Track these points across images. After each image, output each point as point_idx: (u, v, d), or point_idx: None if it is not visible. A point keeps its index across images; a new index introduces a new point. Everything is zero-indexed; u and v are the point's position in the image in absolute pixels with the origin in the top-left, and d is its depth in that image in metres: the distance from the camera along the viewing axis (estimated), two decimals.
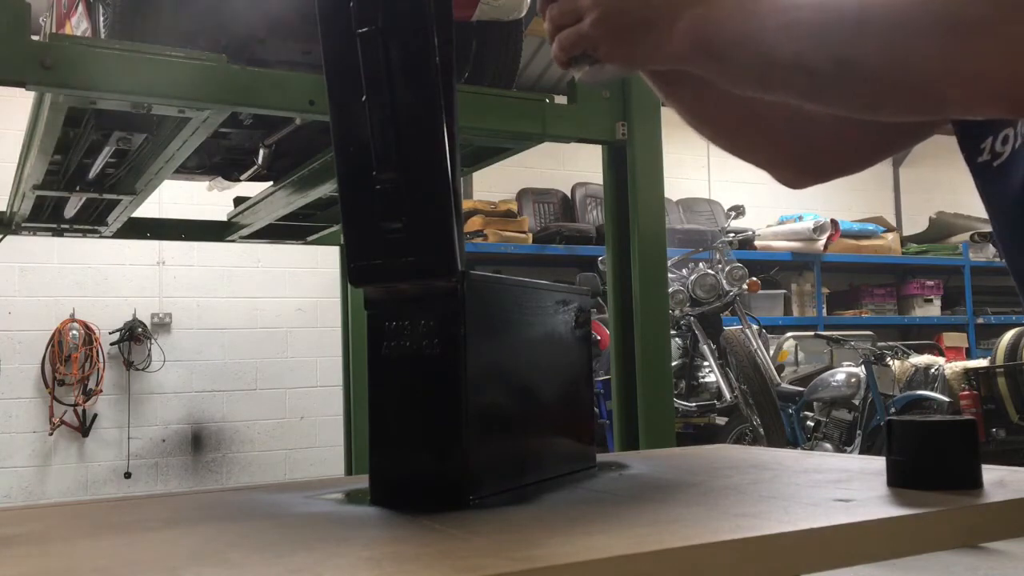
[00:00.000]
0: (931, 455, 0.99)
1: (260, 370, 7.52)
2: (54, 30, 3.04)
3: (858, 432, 5.74)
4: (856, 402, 5.82)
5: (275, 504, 1.06)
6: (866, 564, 0.83)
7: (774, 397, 5.92)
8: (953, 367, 5.81)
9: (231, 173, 3.58)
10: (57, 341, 6.85)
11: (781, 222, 9.11)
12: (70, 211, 3.93)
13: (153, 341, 7.15)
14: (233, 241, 4.68)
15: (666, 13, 0.94)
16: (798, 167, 1.26)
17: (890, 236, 9.50)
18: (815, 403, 6.14)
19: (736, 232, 7.67)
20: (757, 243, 8.71)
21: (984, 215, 1.11)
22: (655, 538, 0.77)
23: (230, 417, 7.41)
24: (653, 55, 0.97)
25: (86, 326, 6.95)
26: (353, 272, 1.00)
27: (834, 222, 8.81)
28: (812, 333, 7.66)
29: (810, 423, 6.14)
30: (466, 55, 2.94)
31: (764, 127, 1.20)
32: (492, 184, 8.15)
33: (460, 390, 0.94)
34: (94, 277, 7.05)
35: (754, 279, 6.65)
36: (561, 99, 2.70)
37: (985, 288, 9.73)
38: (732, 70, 0.93)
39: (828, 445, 5.91)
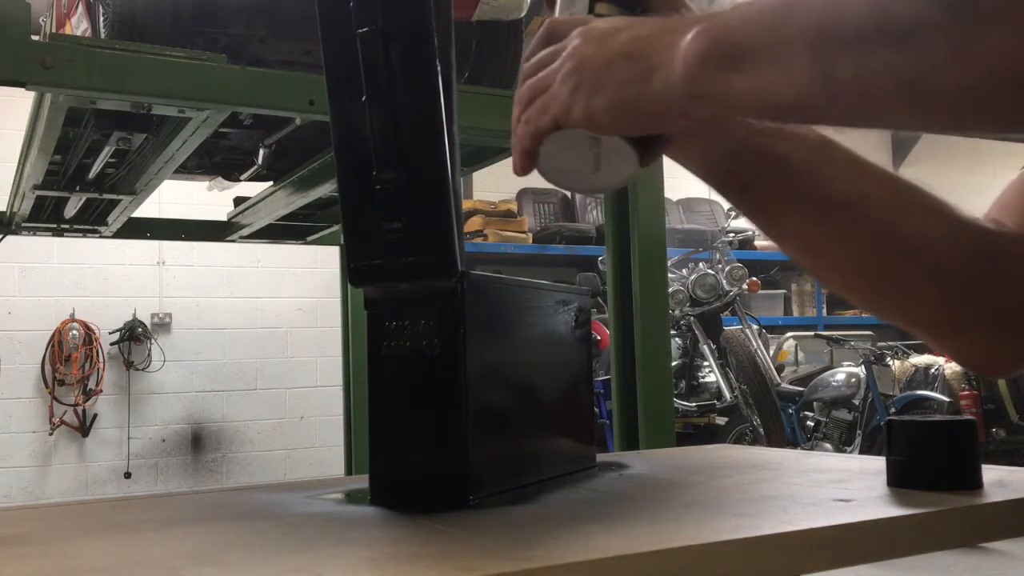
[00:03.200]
0: (931, 455, 0.99)
1: (260, 370, 7.52)
2: (54, 30, 3.04)
3: (858, 432, 5.74)
4: (856, 402, 5.82)
5: (275, 504, 1.06)
6: (866, 564, 0.83)
7: (774, 397, 5.92)
8: (953, 367, 5.81)
9: (231, 173, 3.58)
10: (57, 341, 6.85)
11: None
12: (70, 211, 3.94)
13: (153, 341, 7.15)
14: (233, 241, 4.69)
15: (664, 37, 0.70)
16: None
17: None
18: (815, 403, 6.14)
19: (736, 232, 7.67)
20: (757, 243, 8.71)
21: None
22: (655, 538, 0.77)
23: (230, 417, 7.41)
24: (648, 100, 0.70)
25: (86, 326, 6.95)
26: (353, 272, 1.00)
27: None
28: (812, 333, 7.66)
29: (810, 423, 6.14)
30: (466, 55, 2.94)
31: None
32: (492, 184, 8.15)
33: (460, 390, 0.94)
34: (94, 277, 7.05)
35: (754, 279, 6.65)
36: None
37: None
38: (773, 72, 0.64)
39: (828, 445, 5.91)
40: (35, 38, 2.06)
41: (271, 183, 3.52)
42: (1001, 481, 1.01)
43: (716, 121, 0.81)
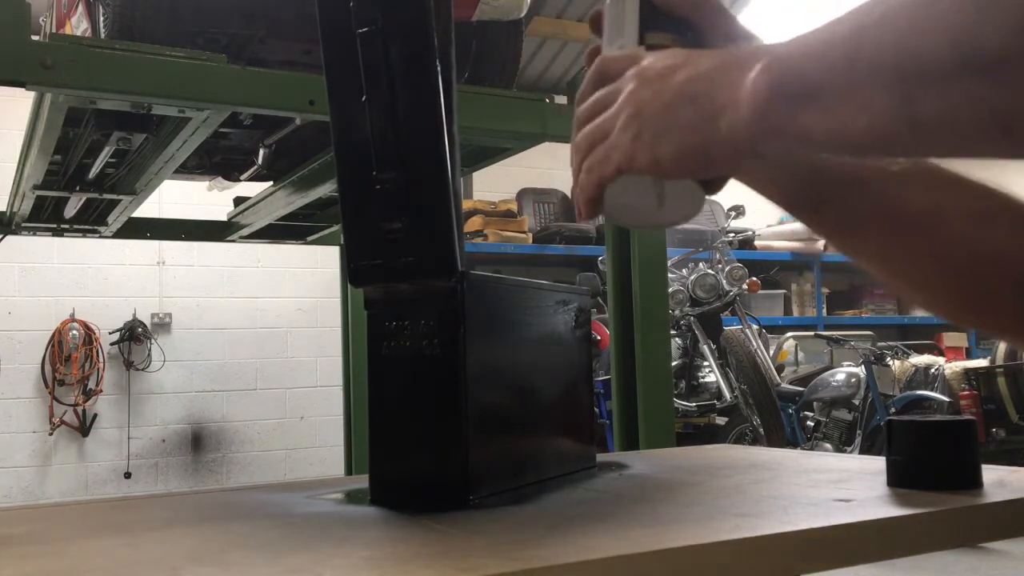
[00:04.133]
0: (931, 455, 0.99)
1: (260, 370, 7.52)
2: (54, 30, 3.05)
3: (858, 432, 5.74)
4: (856, 402, 5.82)
5: (275, 504, 1.06)
6: (866, 564, 0.83)
7: (774, 397, 5.92)
8: (953, 367, 5.81)
9: (231, 173, 3.58)
10: (57, 341, 6.85)
11: (781, 222, 9.11)
12: (70, 211, 3.94)
13: (153, 341, 7.15)
14: (233, 241, 4.69)
15: (725, 75, 0.68)
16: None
17: None
18: (815, 403, 6.13)
19: (736, 232, 7.67)
20: (757, 243, 8.71)
21: None
22: (655, 538, 0.77)
23: (230, 417, 7.41)
24: (717, 142, 0.67)
25: (86, 326, 6.95)
26: (353, 272, 1.00)
27: None
28: (812, 333, 7.66)
29: (810, 423, 6.14)
30: (466, 55, 2.94)
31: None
32: (492, 184, 8.15)
33: (460, 390, 0.94)
34: (94, 277, 7.05)
35: (754, 279, 6.65)
36: (561, 99, 2.70)
37: None
38: (848, 109, 0.61)
39: (828, 445, 5.91)
40: (35, 38, 2.07)
41: (271, 183, 3.52)
42: (1001, 481, 1.01)
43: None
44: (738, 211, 7.06)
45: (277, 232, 4.51)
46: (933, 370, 5.90)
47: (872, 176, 0.82)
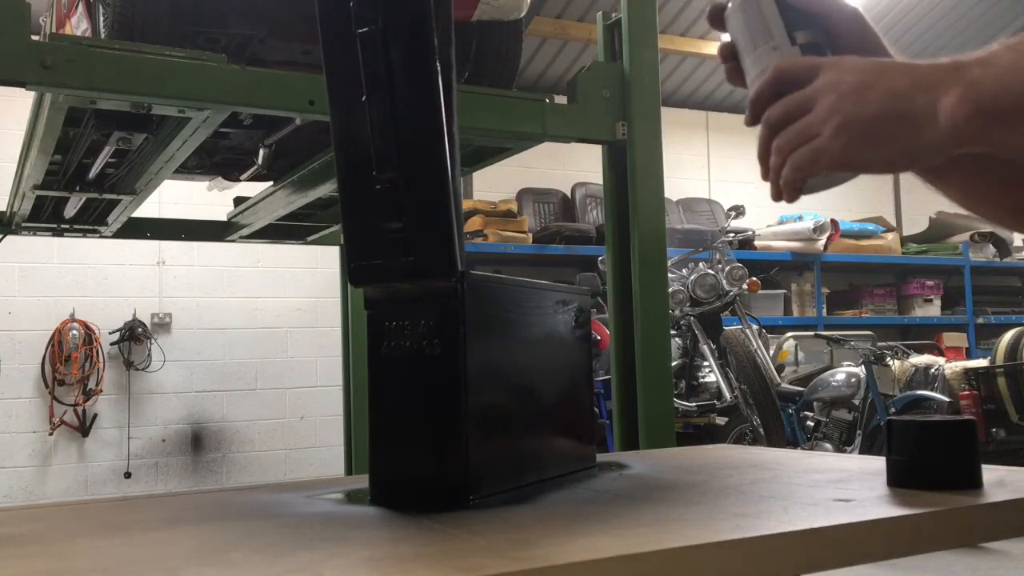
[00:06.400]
0: (931, 455, 0.99)
1: (260, 370, 7.52)
2: (54, 30, 3.05)
3: (858, 432, 5.74)
4: (856, 402, 5.82)
5: (275, 504, 1.06)
6: (866, 564, 0.83)
7: (774, 397, 5.92)
8: (953, 367, 5.81)
9: (231, 173, 3.58)
10: (57, 341, 6.85)
11: (781, 222, 9.11)
12: (70, 211, 3.94)
13: (153, 341, 7.15)
14: (233, 241, 4.68)
15: (922, 95, 0.80)
16: None
17: (890, 236, 9.50)
18: (815, 403, 6.13)
19: (736, 232, 7.67)
20: (757, 243, 8.70)
21: None
22: (655, 538, 0.77)
23: (230, 417, 7.41)
24: (918, 150, 0.81)
25: (86, 326, 6.95)
26: (353, 272, 1.00)
27: (834, 222, 8.81)
28: (812, 333, 7.65)
29: (810, 423, 6.14)
30: (466, 55, 2.94)
31: None
32: (492, 184, 8.15)
33: (460, 390, 0.94)
34: (94, 277, 7.05)
35: (754, 279, 6.65)
36: (561, 99, 2.70)
37: (985, 288, 9.72)
38: None
39: (828, 445, 5.91)
40: (35, 38, 2.06)
41: (271, 183, 3.52)
42: (1001, 481, 1.01)
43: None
44: (738, 211, 7.06)
45: (277, 232, 4.51)
46: (933, 370, 5.90)
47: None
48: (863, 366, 5.82)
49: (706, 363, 6.49)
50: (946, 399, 5.48)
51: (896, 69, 0.83)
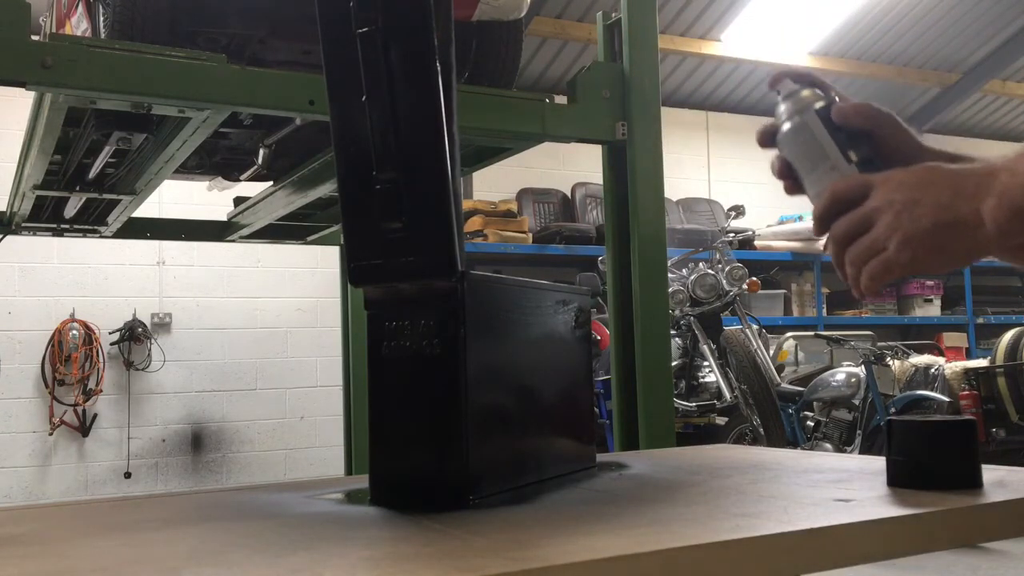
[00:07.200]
0: (931, 455, 0.99)
1: (260, 370, 7.52)
2: (54, 30, 3.05)
3: (858, 432, 5.74)
4: (856, 402, 5.81)
5: (275, 504, 1.06)
6: (866, 564, 0.83)
7: (774, 397, 5.92)
8: (953, 367, 5.80)
9: (231, 173, 3.58)
10: (57, 341, 6.85)
11: (781, 222, 9.12)
12: (70, 211, 3.93)
13: (153, 341, 7.15)
14: (233, 241, 4.68)
15: (965, 204, 0.91)
16: None
17: None
18: (815, 403, 6.13)
19: (736, 232, 7.66)
20: (757, 243, 8.71)
21: None
22: (655, 538, 0.77)
23: (230, 417, 7.41)
24: (972, 250, 0.94)
25: (86, 326, 6.95)
26: (353, 272, 1.00)
27: None
28: (812, 333, 7.65)
29: (810, 423, 6.14)
30: (466, 55, 2.94)
31: None
32: (492, 184, 8.15)
33: (460, 390, 0.94)
34: (94, 277, 7.05)
35: (754, 279, 6.64)
36: (561, 99, 2.70)
37: (985, 288, 9.72)
38: None
39: (828, 445, 5.90)
40: (35, 38, 2.06)
41: (271, 183, 3.52)
42: (1001, 481, 1.01)
43: None
44: (738, 211, 7.06)
45: (277, 232, 4.51)
46: (933, 370, 5.89)
47: None
48: (863, 366, 5.82)
49: (706, 363, 6.48)
50: (946, 399, 5.48)
51: (938, 182, 0.94)
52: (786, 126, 1.05)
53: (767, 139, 1.09)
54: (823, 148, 1.02)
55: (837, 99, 1.06)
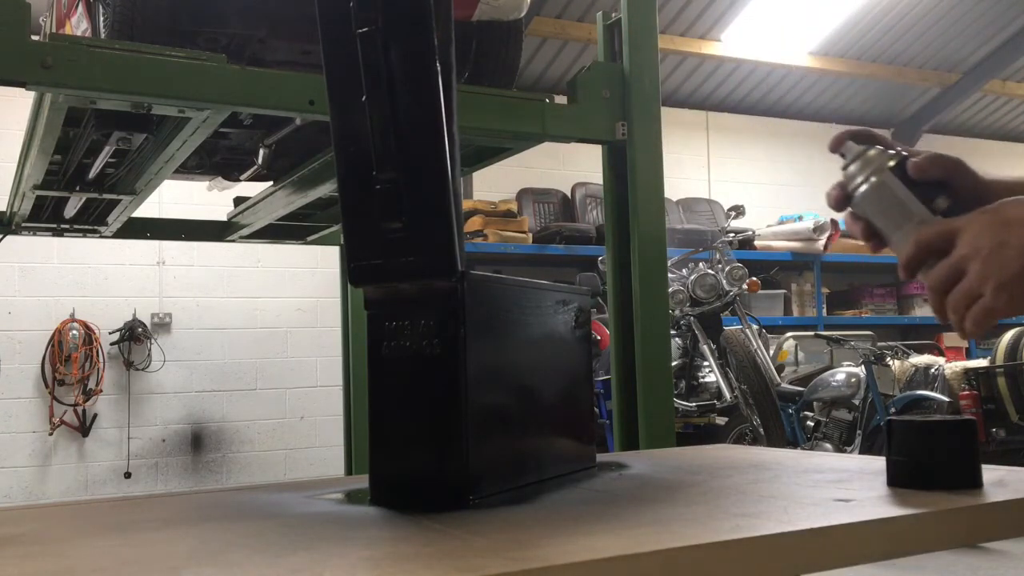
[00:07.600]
0: (931, 455, 0.99)
1: (260, 370, 7.52)
2: (54, 30, 3.04)
3: (858, 432, 5.74)
4: (856, 402, 5.81)
5: (275, 504, 1.06)
6: (866, 564, 0.83)
7: (774, 397, 5.92)
8: (953, 367, 5.80)
9: (231, 173, 3.58)
10: (57, 341, 6.85)
11: (781, 222, 9.12)
12: (70, 211, 3.93)
13: (153, 341, 7.15)
14: (233, 241, 4.68)
15: None
16: None
17: None
18: (815, 403, 6.13)
19: (736, 232, 7.66)
20: (757, 243, 8.70)
21: None
22: (655, 538, 0.77)
23: (230, 417, 7.41)
24: None
25: (86, 326, 6.95)
26: (353, 272, 1.00)
27: (834, 222, 8.81)
28: (812, 333, 7.65)
29: (810, 423, 6.14)
30: (466, 55, 2.94)
31: None
32: (492, 184, 8.15)
33: (460, 390, 0.94)
34: (94, 277, 7.05)
35: (754, 279, 6.64)
36: (561, 99, 2.70)
37: None
38: None
39: (828, 445, 5.91)
40: (35, 38, 2.06)
41: (271, 183, 3.52)
42: (1001, 481, 1.01)
43: None
44: (738, 211, 7.06)
45: (277, 232, 4.51)
46: (933, 370, 5.89)
47: None
48: (863, 366, 5.82)
49: (706, 363, 6.48)
50: (946, 399, 5.48)
51: (1017, 223, 0.98)
52: (863, 188, 1.06)
53: (841, 203, 1.10)
54: (906, 205, 1.04)
55: (904, 152, 1.07)
